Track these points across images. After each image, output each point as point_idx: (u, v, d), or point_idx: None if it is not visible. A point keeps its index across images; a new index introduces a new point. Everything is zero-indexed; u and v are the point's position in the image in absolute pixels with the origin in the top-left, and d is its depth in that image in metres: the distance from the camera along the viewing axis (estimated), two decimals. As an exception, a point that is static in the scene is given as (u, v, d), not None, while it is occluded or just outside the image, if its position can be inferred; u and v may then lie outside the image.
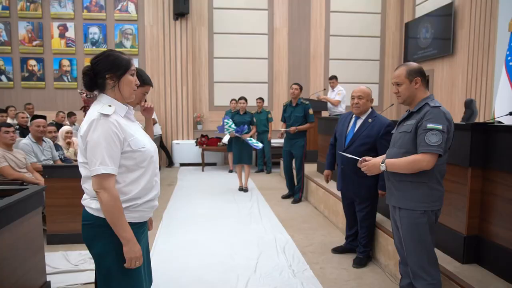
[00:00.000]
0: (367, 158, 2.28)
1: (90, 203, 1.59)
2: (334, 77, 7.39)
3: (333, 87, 7.31)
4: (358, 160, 2.33)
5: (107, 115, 1.52)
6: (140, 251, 1.58)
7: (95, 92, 1.66)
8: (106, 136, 1.50)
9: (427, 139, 1.98)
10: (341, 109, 7.20)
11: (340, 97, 7.09)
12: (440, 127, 1.98)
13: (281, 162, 7.41)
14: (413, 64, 2.20)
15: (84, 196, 1.65)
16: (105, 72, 1.58)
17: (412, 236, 2.14)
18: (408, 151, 2.10)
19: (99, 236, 1.58)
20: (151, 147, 1.69)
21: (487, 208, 2.47)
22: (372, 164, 2.16)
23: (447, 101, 7.69)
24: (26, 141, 4.25)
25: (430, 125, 1.99)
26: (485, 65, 6.80)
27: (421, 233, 2.11)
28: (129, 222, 1.57)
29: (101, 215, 1.54)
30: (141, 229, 1.69)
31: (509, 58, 5.02)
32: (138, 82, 1.70)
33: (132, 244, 1.55)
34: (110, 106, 1.57)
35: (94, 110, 1.56)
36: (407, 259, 2.21)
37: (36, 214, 2.63)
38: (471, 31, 7.09)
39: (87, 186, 1.61)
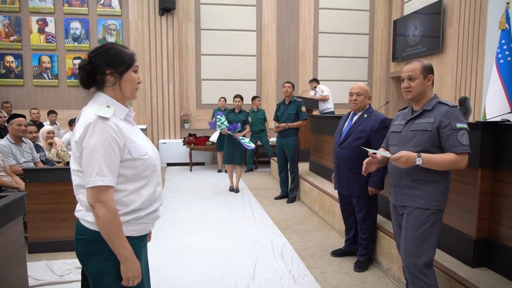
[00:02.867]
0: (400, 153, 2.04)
1: (86, 216, 1.40)
2: (314, 80, 7.95)
3: (313, 88, 7.83)
4: (373, 154, 2.18)
5: (105, 118, 1.34)
6: (139, 270, 1.42)
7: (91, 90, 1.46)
8: (104, 142, 1.32)
9: (460, 139, 1.95)
10: (330, 105, 7.62)
11: (326, 93, 7.63)
12: (466, 126, 1.97)
13: (272, 162, 7.30)
14: (425, 61, 2.15)
15: (78, 207, 1.45)
16: (105, 67, 1.41)
17: (419, 235, 2.06)
18: (425, 149, 2.02)
19: (97, 252, 1.39)
20: (154, 154, 1.50)
21: (497, 209, 2.39)
22: (408, 157, 1.95)
23: (436, 98, 7.70)
24: (4, 142, 3.97)
25: (459, 125, 1.96)
26: (474, 63, 6.81)
27: (430, 232, 2.06)
28: (130, 236, 1.41)
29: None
30: (142, 243, 1.52)
31: (499, 56, 5.00)
32: (141, 80, 1.53)
33: (130, 262, 1.38)
34: (108, 107, 1.38)
35: (91, 111, 1.37)
36: (406, 259, 2.12)
37: (18, 223, 2.41)
38: (460, 29, 7.10)
39: (81, 196, 1.41)
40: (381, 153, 2.12)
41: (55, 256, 3.35)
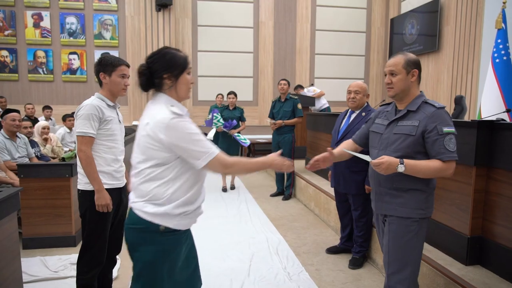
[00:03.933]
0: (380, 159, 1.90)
1: (144, 207, 1.50)
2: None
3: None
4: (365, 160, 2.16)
5: (180, 115, 1.47)
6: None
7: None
8: (190, 129, 1.46)
9: (447, 145, 1.78)
10: (324, 101, 7.78)
11: (319, 91, 7.74)
12: (453, 130, 1.81)
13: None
14: (411, 55, 1.94)
15: (134, 198, 1.55)
16: (163, 72, 1.53)
17: (402, 246, 1.91)
18: (405, 155, 1.84)
19: (149, 242, 1.50)
20: None
21: (491, 208, 2.41)
22: (389, 163, 1.77)
23: (432, 98, 7.73)
24: (-1, 137, 3.94)
25: (446, 129, 1.78)
26: (470, 62, 6.84)
27: (414, 242, 1.90)
28: (178, 230, 1.53)
29: (155, 221, 1.48)
30: (185, 235, 1.63)
31: (495, 55, 5.03)
32: (193, 80, 1.66)
33: None
34: (172, 106, 1.49)
35: (162, 111, 1.47)
36: (387, 271, 1.97)
37: (12, 219, 2.39)
38: (456, 28, 7.12)
39: (144, 187, 1.50)
40: (361, 156, 1.90)
41: (49, 252, 3.34)
